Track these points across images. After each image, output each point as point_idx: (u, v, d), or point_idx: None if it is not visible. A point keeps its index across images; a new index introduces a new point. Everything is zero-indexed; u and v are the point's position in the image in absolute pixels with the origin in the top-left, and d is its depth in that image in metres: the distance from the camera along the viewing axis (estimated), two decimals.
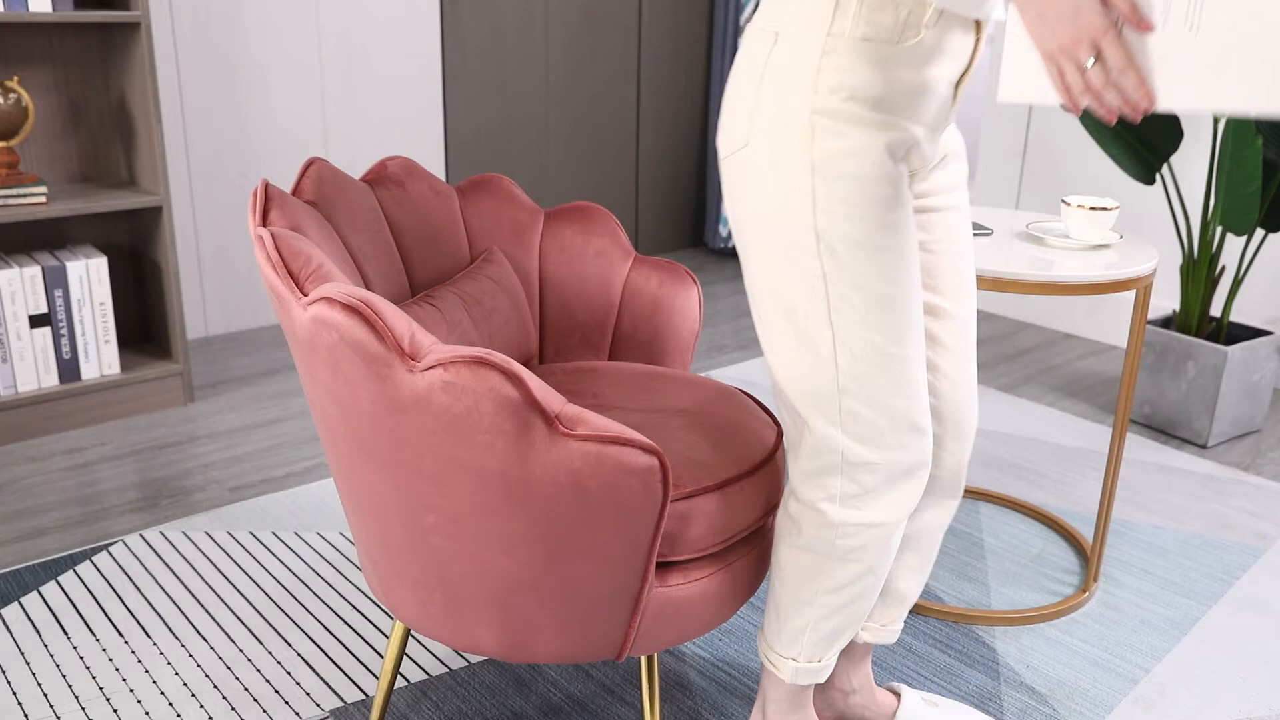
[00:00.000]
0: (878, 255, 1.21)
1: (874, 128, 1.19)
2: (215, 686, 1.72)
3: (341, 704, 1.68)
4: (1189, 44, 0.99)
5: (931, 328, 1.41)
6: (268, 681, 1.74)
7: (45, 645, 1.81)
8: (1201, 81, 0.99)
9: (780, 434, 1.56)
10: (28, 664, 1.76)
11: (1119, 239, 1.95)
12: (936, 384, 1.41)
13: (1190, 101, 1.00)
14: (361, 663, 1.79)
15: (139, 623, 1.88)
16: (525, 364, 1.81)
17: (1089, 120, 2.75)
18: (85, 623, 1.88)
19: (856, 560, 1.32)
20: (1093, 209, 1.89)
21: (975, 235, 1.95)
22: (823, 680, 1.42)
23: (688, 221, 4.65)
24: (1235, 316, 3.27)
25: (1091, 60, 1.05)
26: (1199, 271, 2.74)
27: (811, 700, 1.49)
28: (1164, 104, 1.02)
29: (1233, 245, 3.22)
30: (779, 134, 1.20)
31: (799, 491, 1.32)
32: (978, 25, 1.25)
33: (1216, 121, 2.69)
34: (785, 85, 1.19)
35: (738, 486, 1.40)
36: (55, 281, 2.59)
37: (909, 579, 1.52)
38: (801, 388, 1.27)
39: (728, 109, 1.26)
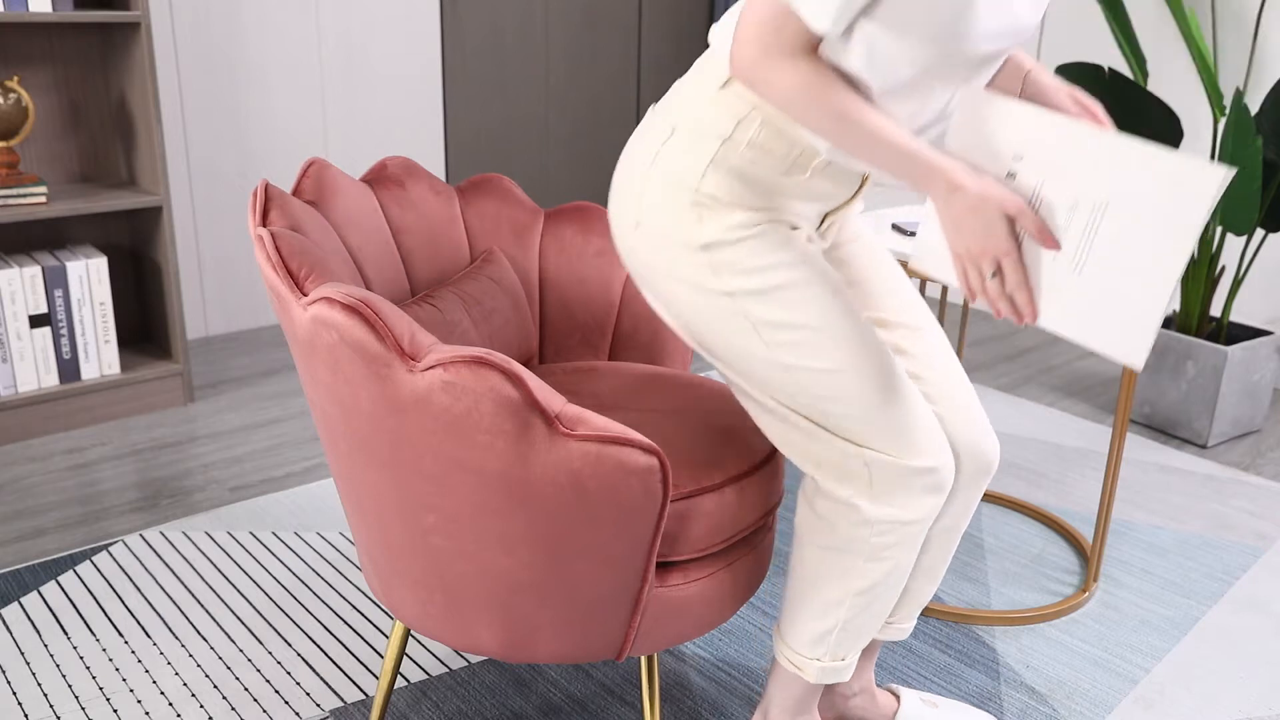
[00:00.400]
0: (792, 292, 1.26)
1: (754, 211, 1.26)
2: (215, 686, 1.72)
3: (341, 704, 1.68)
4: (1073, 282, 1.13)
5: (892, 340, 1.43)
6: (268, 681, 1.74)
7: (45, 645, 1.81)
8: (1077, 316, 1.13)
9: None
10: (28, 664, 1.76)
11: None
12: (923, 390, 1.42)
13: (1065, 329, 1.15)
14: (361, 663, 1.79)
15: (139, 623, 1.88)
16: (525, 364, 1.81)
17: None
18: (85, 623, 1.88)
19: (888, 558, 1.33)
20: None
21: None
22: (847, 678, 1.42)
23: None
24: (1235, 316, 3.27)
25: (993, 272, 1.17)
26: (1199, 271, 2.74)
27: (817, 707, 1.49)
28: (1044, 324, 1.17)
29: (1233, 245, 3.22)
30: (668, 218, 1.27)
31: (830, 491, 1.32)
32: (864, 177, 1.33)
33: (1216, 121, 2.70)
34: (672, 179, 1.26)
35: (738, 486, 1.40)
36: (55, 281, 2.59)
37: (921, 580, 1.51)
38: (790, 413, 1.30)
39: (617, 187, 1.33)
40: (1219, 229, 3.17)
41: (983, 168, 1.21)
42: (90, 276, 2.64)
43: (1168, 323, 2.90)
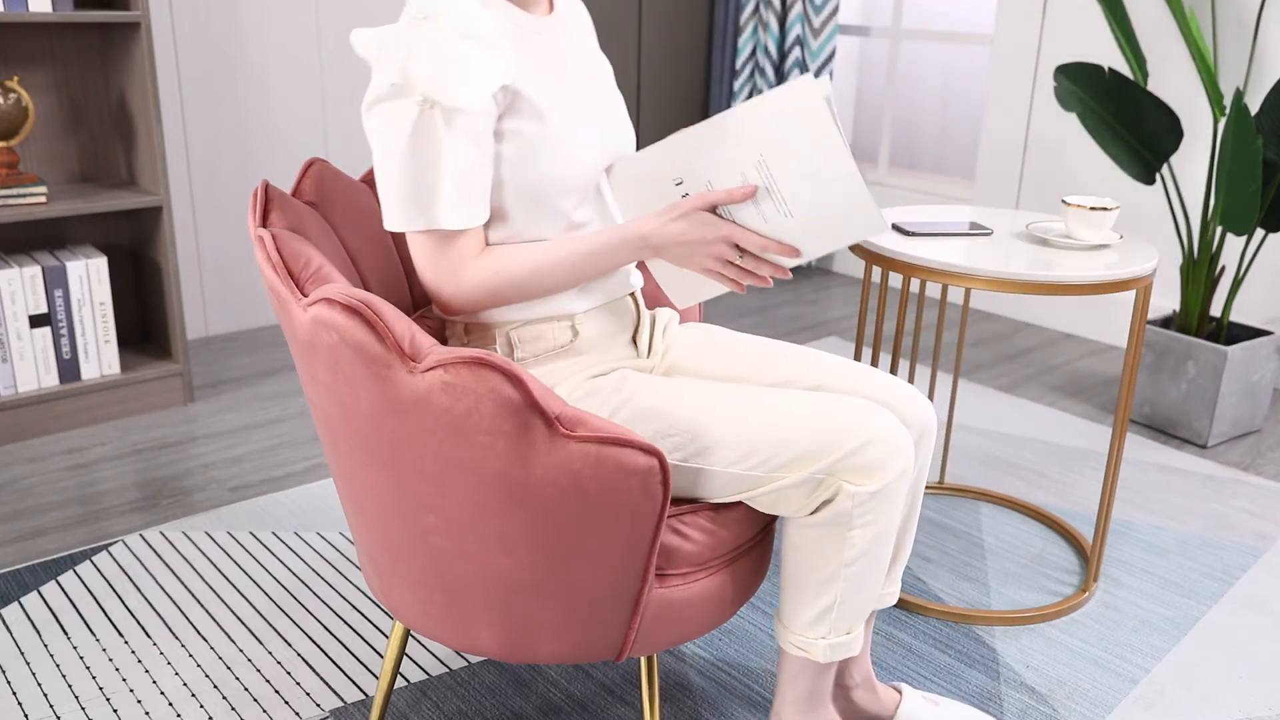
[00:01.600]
0: (631, 410, 1.36)
1: (576, 379, 1.41)
2: (215, 686, 1.72)
3: (341, 704, 1.68)
4: (795, 224, 1.31)
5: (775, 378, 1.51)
6: (268, 681, 1.74)
7: (45, 645, 1.81)
8: (819, 237, 1.31)
9: None
10: (28, 664, 1.76)
11: (1119, 239, 1.95)
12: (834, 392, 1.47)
13: (820, 249, 1.32)
14: (361, 663, 1.79)
15: (139, 623, 1.88)
16: None
17: (1089, 120, 2.75)
18: (85, 623, 1.88)
19: (872, 523, 1.34)
20: (1093, 209, 1.89)
21: (975, 235, 1.96)
22: (857, 651, 1.42)
23: None
24: (1235, 316, 3.27)
25: (739, 254, 1.32)
26: (1199, 271, 2.74)
27: (830, 699, 1.49)
28: (806, 257, 1.33)
29: (1233, 245, 3.23)
30: None
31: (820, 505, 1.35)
32: (632, 297, 1.49)
33: (1216, 121, 2.70)
34: None
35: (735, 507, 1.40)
36: (55, 281, 2.59)
37: (898, 539, 1.53)
38: (744, 493, 1.36)
39: None
40: (1219, 229, 3.17)
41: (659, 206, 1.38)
42: (90, 276, 2.64)
43: (1167, 322, 2.90)
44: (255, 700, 1.69)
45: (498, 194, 1.32)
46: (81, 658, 1.78)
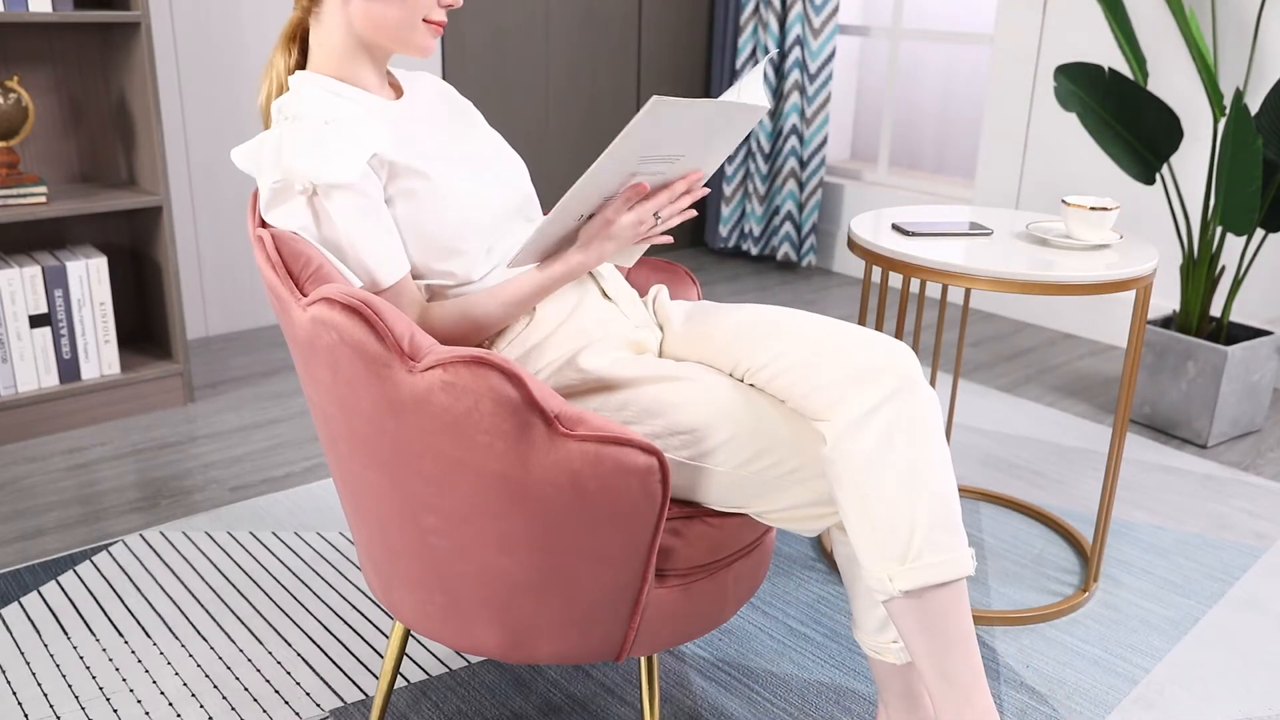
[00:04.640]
0: (635, 408, 1.35)
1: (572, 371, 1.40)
2: (215, 686, 1.72)
3: (341, 704, 1.68)
4: (691, 159, 1.31)
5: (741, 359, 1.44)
6: (268, 681, 1.74)
7: (45, 645, 1.81)
8: (715, 154, 1.33)
9: None
10: (28, 664, 1.76)
11: (1119, 239, 1.95)
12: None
13: (718, 161, 1.36)
14: (361, 663, 1.79)
15: (139, 623, 1.88)
16: None
17: (1089, 120, 2.75)
18: (85, 623, 1.88)
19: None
20: (1093, 209, 1.89)
21: (975, 235, 1.95)
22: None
23: (688, 222, 4.65)
24: (1235, 316, 3.27)
25: (655, 220, 1.36)
26: (1199, 271, 2.74)
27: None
28: (708, 169, 1.36)
29: (1233, 245, 3.22)
30: None
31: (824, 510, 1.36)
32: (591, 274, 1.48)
33: (1216, 121, 2.70)
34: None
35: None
36: (55, 281, 2.59)
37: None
38: (754, 500, 1.34)
39: None
40: (1219, 229, 3.17)
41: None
42: (90, 276, 2.64)
43: (1167, 323, 2.90)
44: (255, 700, 1.69)
45: (409, 253, 1.39)
46: (81, 658, 1.78)
